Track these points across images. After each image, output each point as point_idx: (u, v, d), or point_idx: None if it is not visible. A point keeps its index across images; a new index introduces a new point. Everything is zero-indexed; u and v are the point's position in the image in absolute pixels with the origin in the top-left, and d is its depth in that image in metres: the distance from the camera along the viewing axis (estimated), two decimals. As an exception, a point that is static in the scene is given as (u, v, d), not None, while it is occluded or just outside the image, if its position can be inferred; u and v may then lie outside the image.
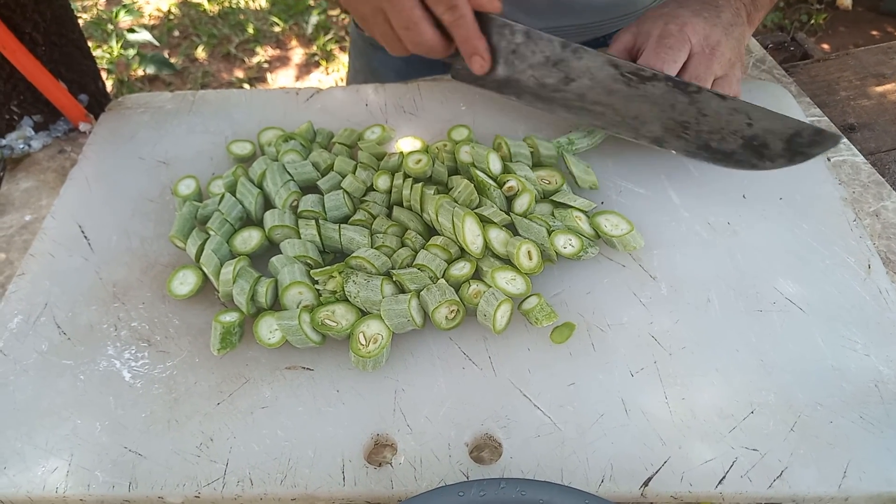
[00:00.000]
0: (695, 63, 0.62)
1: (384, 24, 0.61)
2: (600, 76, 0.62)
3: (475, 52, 0.62)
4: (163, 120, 0.73)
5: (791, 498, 0.46)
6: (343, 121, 0.72)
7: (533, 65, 0.63)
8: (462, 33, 0.60)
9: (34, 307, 0.57)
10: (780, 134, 0.59)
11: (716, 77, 0.63)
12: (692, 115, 0.61)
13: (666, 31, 0.62)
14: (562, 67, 0.62)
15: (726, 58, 0.63)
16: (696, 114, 0.61)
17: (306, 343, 0.52)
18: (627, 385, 0.51)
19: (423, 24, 0.59)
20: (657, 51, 0.61)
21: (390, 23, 0.60)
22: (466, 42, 0.61)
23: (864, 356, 0.52)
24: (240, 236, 0.59)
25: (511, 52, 0.63)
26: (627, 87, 0.61)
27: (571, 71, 0.62)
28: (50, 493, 0.47)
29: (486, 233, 0.56)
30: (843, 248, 0.59)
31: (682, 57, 0.61)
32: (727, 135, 0.61)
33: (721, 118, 0.60)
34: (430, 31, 0.60)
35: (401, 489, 0.46)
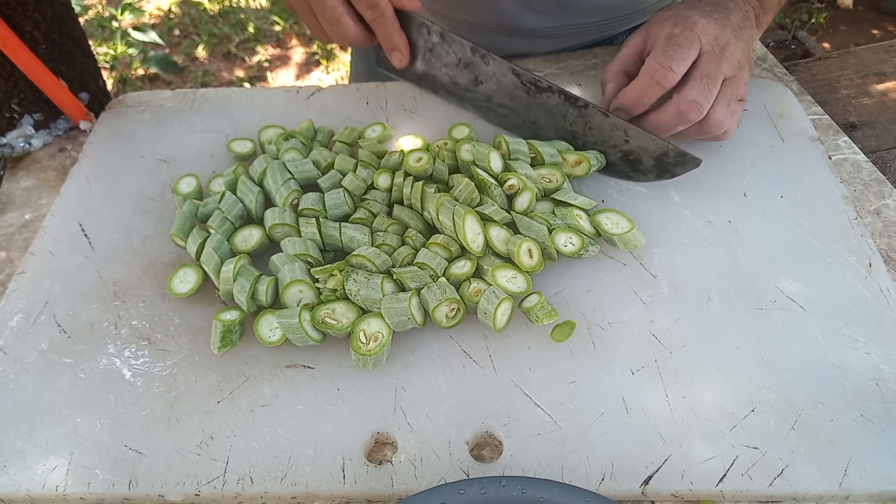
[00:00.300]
0: (705, 62, 0.62)
1: (311, 16, 0.64)
2: (504, 82, 0.67)
3: (394, 48, 0.66)
4: (163, 118, 0.73)
5: (792, 496, 0.46)
6: (344, 119, 0.72)
7: (447, 64, 0.68)
8: (382, 30, 0.64)
9: (34, 305, 0.57)
10: (650, 152, 0.64)
11: (725, 77, 0.63)
12: (580, 127, 0.66)
13: (676, 31, 0.62)
14: (472, 70, 0.67)
15: (735, 59, 0.63)
16: (583, 126, 0.65)
17: (307, 341, 0.52)
18: (628, 383, 0.51)
19: (345, 19, 0.62)
20: (666, 49, 0.62)
21: (316, 17, 0.63)
22: (386, 38, 0.65)
23: (865, 354, 0.52)
24: (240, 234, 0.59)
25: (428, 50, 0.67)
26: (527, 94, 0.66)
27: (480, 74, 0.67)
28: (50, 491, 0.47)
29: (486, 231, 0.56)
30: (844, 247, 0.58)
31: (691, 56, 0.62)
32: (608, 147, 0.65)
33: (603, 132, 0.65)
34: (353, 26, 0.63)
35: (401, 487, 0.46)
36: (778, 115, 0.71)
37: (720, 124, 0.63)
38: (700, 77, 0.62)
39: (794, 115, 0.71)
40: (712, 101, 0.62)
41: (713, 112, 0.62)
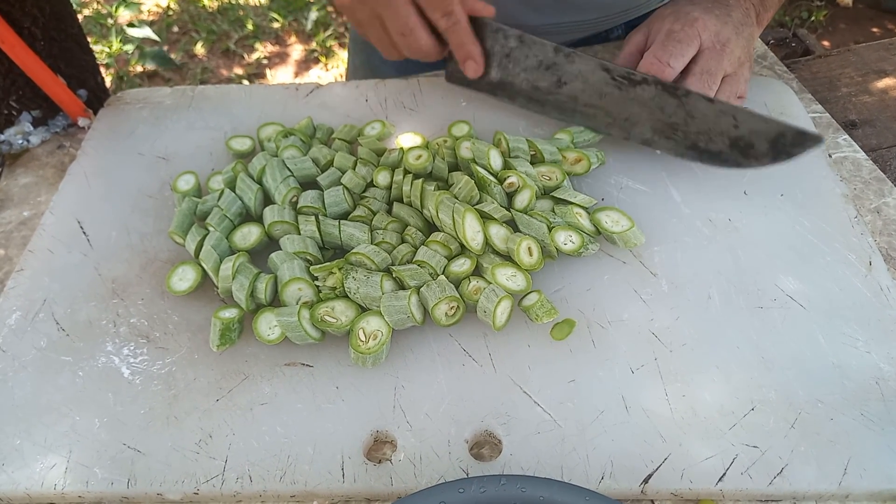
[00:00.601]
0: (705, 57, 0.62)
1: (380, 29, 0.62)
2: (592, 79, 0.63)
3: (469, 57, 0.63)
4: (162, 115, 0.73)
5: (791, 495, 0.46)
6: (343, 117, 0.72)
7: (526, 68, 0.65)
8: (457, 39, 0.62)
9: (33, 303, 0.57)
10: (765, 135, 0.60)
11: (725, 74, 0.63)
12: (681, 117, 0.62)
13: (676, 28, 0.62)
14: (554, 71, 0.64)
15: (736, 55, 0.63)
16: (684, 116, 0.62)
17: (306, 339, 0.52)
18: (628, 382, 0.51)
19: (419, 30, 0.60)
20: (665, 44, 0.61)
21: (386, 28, 0.61)
22: (461, 47, 0.62)
23: (865, 353, 0.52)
24: (239, 232, 0.59)
25: (504, 55, 0.64)
26: (619, 90, 0.63)
27: (564, 74, 0.64)
28: (48, 490, 0.47)
29: (486, 229, 0.56)
30: (844, 245, 0.58)
31: (690, 51, 0.61)
32: (714, 136, 0.62)
33: (709, 120, 0.61)
34: (426, 37, 0.61)
35: (400, 486, 0.46)
36: (778, 112, 0.71)
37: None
38: (700, 73, 0.62)
39: (795, 113, 0.71)
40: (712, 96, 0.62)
41: None
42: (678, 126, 0.62)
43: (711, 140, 0.62)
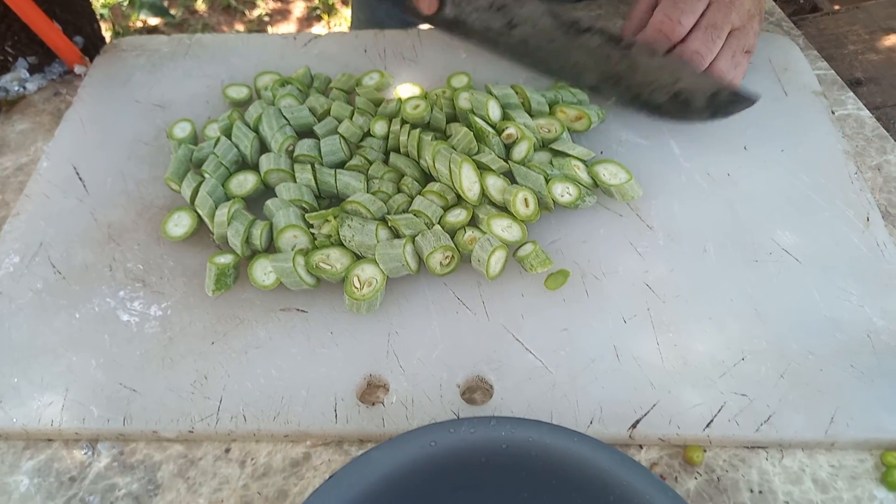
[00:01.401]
0: (712, 11, 0.61)
1: None
2: (540, 24, 0.64)
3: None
4: (159, 63, 0.72)
5: (778, 442, 0.46)
6: (341, 66, 0.71)
7: (478, 8, 0.65)
8: None
9: (29, 247, 0.57)
10: (702, 91, 0.61)
11: (733, 27, 0.62)
12: (624, 68, 0.62)
13: None
14: (505, 13, 0.64)
15: (745, 8, 0.62)
16: (627, 67, 0.62)
17: (300, 285, 0.52)
18: (620, 331, 0.51)
19: None
20: (675, 0, 0.60)
21: None
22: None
23: (859, 307, 0.52)
24: (235, 179, 0.59)
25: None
26: (565, 36, 0.63)
27: (514, 17, 0.64)
28: (45, 426, 0.47)
29: (483, 180, 0.56)
30: (843, 201, 0.58)
31: (700, 6, 0.61)
32: (656, 88, 0.62)
33: (650, 73, 0.62)
34: None
35: (392, 427, 0.47)
36: (783, 69, 0.70)
37: (723, 76, 0.62)
38: (705, 27, 0.61)
39: (799, 70, 0.70)
40: (716, 52, 0.61)
41: (716, 63, 0.62)
42: (622, 76, 0.63)
43: (653, 93, 0.62)
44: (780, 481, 0.46)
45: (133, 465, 0.47)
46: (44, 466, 0.47)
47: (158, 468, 0.47)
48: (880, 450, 0.47)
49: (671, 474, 0.46)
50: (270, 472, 0.47)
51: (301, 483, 0.46)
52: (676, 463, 0.47)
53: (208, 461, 0.47)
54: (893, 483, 0.45)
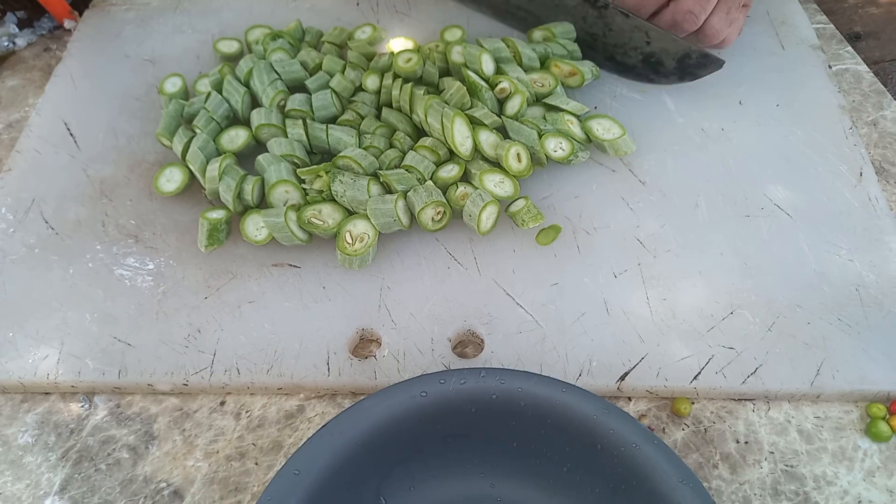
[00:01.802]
0: None
1: None
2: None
3: None
4: (148, 17, 0.71)
5: (764, 394, 0.47)
6: (333, 20, 0.70)
7: None
8: None
9: (21, 202, 0.57)
10: (672, 54, 0.61)
11: None
12: (600, 29, 0.63)
13: None
14: None
15: None
16: (603, 27, 0.63)
17: (293, 240, 0.52)
18: (610, 286, 0.51)
19: None
20: None
21: None
22: None
23: (848, 261, 0.52)
24: (226, 135, 0.58)
25: None
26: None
27: None
28: (41, 379, 0.48)
29: (475, 134, 0.55)
30: (837, 156, 0.58)
31: None
32: (629, 50, 0.63)
33: (624, 34, 0.62)
34: None
35: (384, 380, 0.47)
36: (780, 22, 0.69)
37: (717, 34, 0.61)
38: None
39: (797, 23, 0.69)
40: (709, 10, 0.60)
41: (710, 21, 0.61)
42: (598, 37, 0.64)
43: (626, 54, 0.63)
44: (765, 432, 0.46)
45: (130, 417, 0.48)
46: (42, 419, 0.48)
47: (155, 420, 0.48)
48: (865, 401, 0.47)
49: (659, 426, 0.47)
50: (265, 424, 0.48)
51: (295, 434, 0.47)
52: (664, 415, 0.47)
53: (203, 413, 0.48)
54: (878, 434, 0.45)
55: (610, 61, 0.65)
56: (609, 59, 0.64)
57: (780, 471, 0.45)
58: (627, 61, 0.63)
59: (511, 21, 0.68)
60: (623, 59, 0.64)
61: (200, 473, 0.45)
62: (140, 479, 0.45)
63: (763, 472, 0.44)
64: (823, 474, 0.44)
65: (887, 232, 0.53)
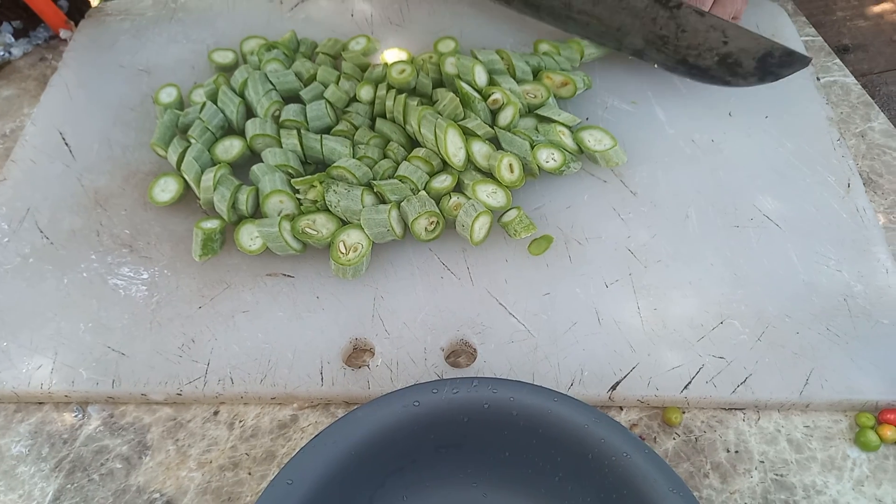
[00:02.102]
0: None
1: None
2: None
3: None
4: (143, 28, 0.72)
5: (754, 403, 0.47)
6: (327, 31, 0.71)
7: None
8: None
9: (16, 212, 0.57)
10: (753, 53, 0.59)
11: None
12: (672, 30, 0.61)
13: None
14: None
15: None
16: (675, 29, 0.61)
17: (287, 250, 0.52)
18: (602, 296, 0.52)
19: None
20: None
21: None
22: None
23: (836, 272, 0.52)
24: (221, 145, 0.59)
25: None
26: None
27: None
28: (35, 389, 0.48)
29: (468, 145, 0.56)
30: (825, 167, 0.59)
31: None
32: (704, 51, 0.61)
33: (699, 34, 0.60)
34: None
35: (377, 389, 0.48)
36: (770, 34, 0.69)
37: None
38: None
39: (787, 36, 0.70)
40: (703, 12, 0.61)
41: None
42: (669, 39, 0.62)
43: (700, 55, 0.61)
44: (755, 441, 0.47)
45: (123, 427, 0.48)
46: (35, 429, 0.48)
47: (148, 430, 0.48)
48: (854, 411, 0.48)
49: (650, 435, 0.47)
50: (258, 434, 0.48)
51: (288, 444, 0.47)
52: (655, 424, 0.48)
53: (197, 423, 0.48)
54: (866, 443, 0.46)
55: (682, 64, 0.63)
56: (681, 62, 0.63)
57: (770, 480, 0.45)
58: (702, 63, 0.62)
59: (573, 27, 0.66)
60: (696, 62, 0.62)
61: (194, 483, 0.45)
62: (133, 489, 0.45)
63: (753, 481, 0.45)
64: (813, 483, 0.45)
65: (875, 243, 0.54)
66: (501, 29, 0.70)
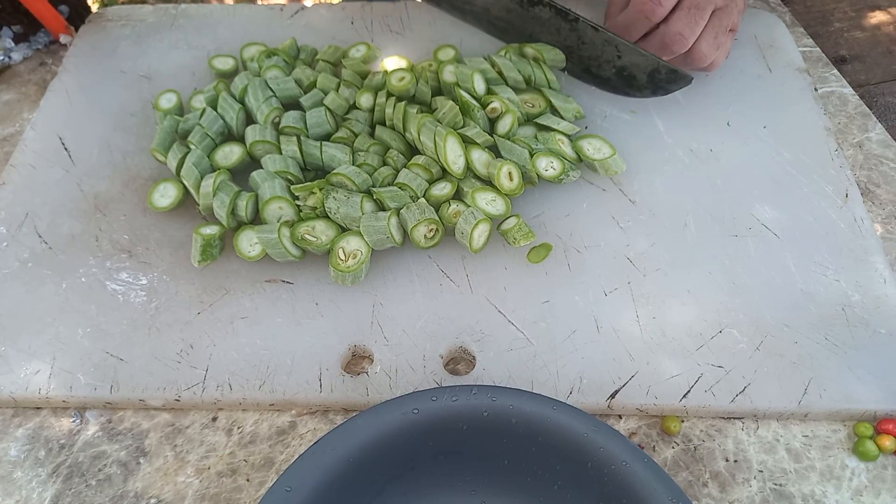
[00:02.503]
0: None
1: None
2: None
3: None
4: (144, 34, 0.72)
5: (752, 412, 0.47)
6: (328, 38, 0.71)
7: None
8: None
9: (15, 217, 0.57)
10: (642, 68, 0.63)
11: (716, 7, 0.62)
12: (574, 41, 0.64)
13: None
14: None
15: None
16: (576, 40, 0.64)
17: (286, 257, 0.52)
18: (600, 304, 0.52)
19: None
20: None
21: None
22: None
23: (834, 281, 0.53)
24: (221, 151, 0.59)
25: None
26: (520, 7, 0.65)
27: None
28: (33, 394, 0.48)
29: (468, 153, 0.56)
30: (823, 177, 0.59)
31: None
32: (602, 63, 0.65)
33: (596, 47, 0.64)
34: None
35: (376, 396, 0.48)
36: (768, 45, 0.70)
37: (705, 57, 0.62)
38: (687, 8, 0.61)
39: (784, 47, 0.70)
40: (698, 33, 0.61)
41: (698, 45, 0.62)
42: (573, 49, 0.65)
43: (601, 66, 0.65)
44: (754, 450, 0.47)
45: (121, 432, 0.48)
46: (33, 434, 0.48)
47: (146, 436, 0.48)
48: (852, 420, 0.48)
49: (649, 443, 0.47)
50: (257, 440, 0.48)
51: (287, 451, 0.47)
52: (654, 433, 0.48)
53: (195, 429, 0.48)
54: (865, 453, 0.46)
55: (587, 73, 0.66)
56: (585, 71, 0.66)
57: (769, 489, 0.45)
58: (602, 74, 0.65)
59: (495, 32, 0.70)
60: (598, 72, 0.65)
61: (192, 489, 0.45)
62: (131, 495, 0.45)
63: (752, 490, 0.45)
64: (812, 493, 0.45)
65: (872, 252, 0.54)
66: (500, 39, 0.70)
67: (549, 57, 0.64)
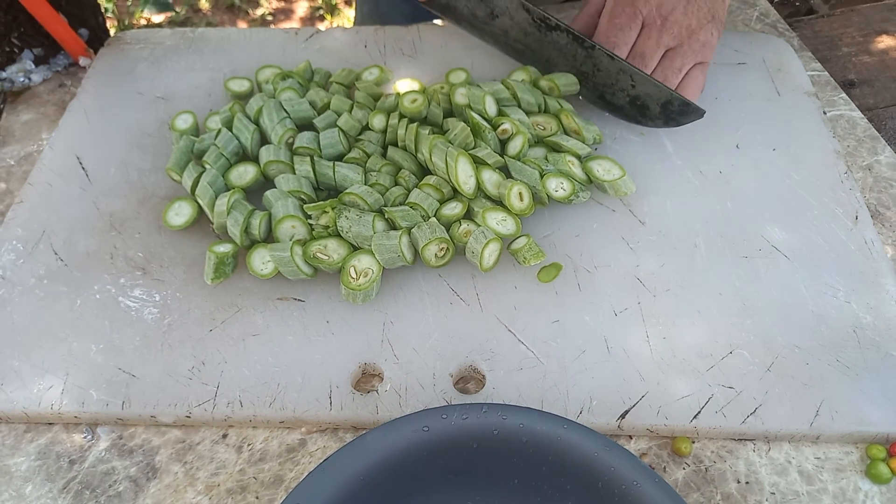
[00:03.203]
0: (642, 38, 0.64)
1: None
2: (517, 17, 0.67)
3: None
4: (162, 56, 0.73)
5: (763, 434, 0.47)
6: (341, 62, 0.72)
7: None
8: None
9: (32, 234, 0.58)
10: (655, 99, 0.63)
11: (668, 48, 0.63)
12: (589, 68, 0.65)
13: (617, 10, 0.64)
14: (487, 3, 0.67)
15: (682, 26, 0.63)
16: (592, 67, 0.65)
17: (298, 275, 0.53)
18: (611, 324, 0.52)
19: None
20: (608, 33, 0.64)
21: None
22: None
23: (845, 303, 0.53)
24: (235, 171, 0.60)
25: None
26: (538, 31, 0.66)
27: (495, 8, 0.67)
28: (45, 409, 0.48)
29: (479, 174, 0.57)
30: (833, 199, 0.59)
31: (632, 36, 0.64)
32: (616, 91, 0.65)
33: (611, 75, 0.64)
34: None
35: (386, 414, 0.48)
36: (776, 69, 0.71)
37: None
38: (633, 55, 0.64)
39: (793, 70, 0.71)
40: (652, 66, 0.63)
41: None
42: (588, 75, 0.66)
43: (615, 94, 0.65)
44: (766, 472, 0.46)
45: (132, 449, 0.48)
46: (44, 449, 0.48)
47: (157, 452, 0.48)
48: (865, 443, 0.48)
49: (660, 464, 0.47)
50: (267, 458, 0.48)
51: (297, 469, 0.47)
52: (665, 453, 0.48)
53: (206, 446, 0.48)
54: (878, 476, 0.46)
55: (601, 100, 0.67)
56: (600, 97, 0.66)
57: (780, 511, 0.45)
58: (616, 101, 0.65)
59: (512, 53, 0.70)
60: (612, 100, 0.66)
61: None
62: (140, 511, 0.45)
63: (763, 512, 0.44)
64: (824, 516, 0.44)
65: (883, 275, 0.54)
66: (512, 63, 0.71)
67: (562, 83, 0.65)
